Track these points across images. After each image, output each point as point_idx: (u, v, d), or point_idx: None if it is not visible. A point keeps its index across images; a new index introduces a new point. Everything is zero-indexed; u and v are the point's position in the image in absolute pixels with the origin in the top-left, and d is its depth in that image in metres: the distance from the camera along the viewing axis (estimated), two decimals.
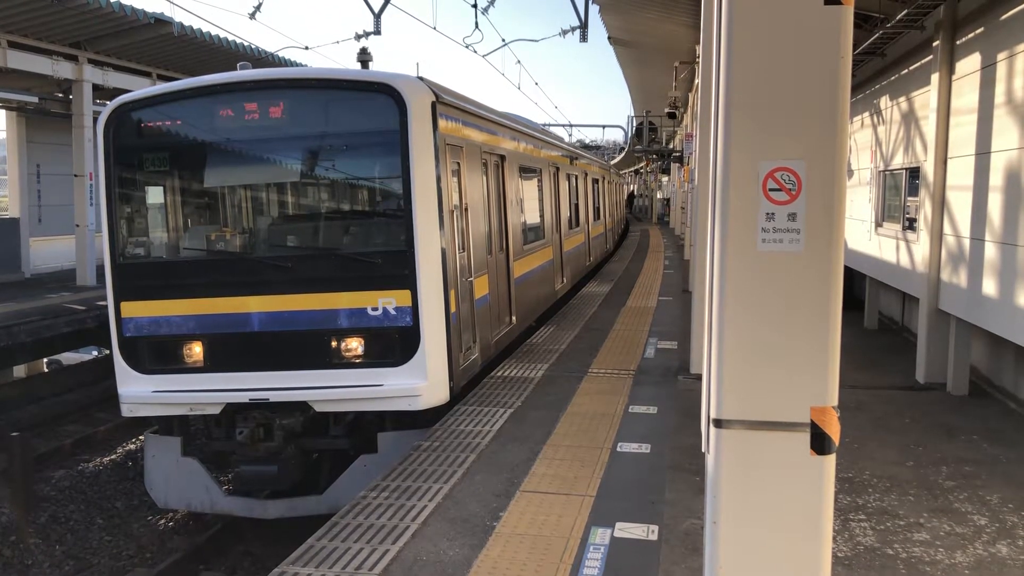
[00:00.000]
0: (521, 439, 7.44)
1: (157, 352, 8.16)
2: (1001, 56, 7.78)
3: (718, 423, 2.95)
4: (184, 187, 8.73)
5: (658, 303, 15.97)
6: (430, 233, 7.93)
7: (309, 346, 7.90)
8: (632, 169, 76.35)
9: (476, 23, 17.54)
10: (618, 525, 5.55)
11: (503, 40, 21.87)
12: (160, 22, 17.59)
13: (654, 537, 5.37)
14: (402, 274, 7.81)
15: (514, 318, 11.50)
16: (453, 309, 8.26)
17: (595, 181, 24.69)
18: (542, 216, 14.75)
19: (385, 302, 7.81)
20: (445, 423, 7.94)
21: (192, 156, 8.44)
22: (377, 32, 16.24)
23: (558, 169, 16.73)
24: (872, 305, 13.38)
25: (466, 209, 9.30)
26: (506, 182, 11.56)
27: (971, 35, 8.57)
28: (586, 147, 50.60)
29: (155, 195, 8.71)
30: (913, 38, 10.42)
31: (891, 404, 8.65)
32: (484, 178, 10.37)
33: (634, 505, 5.89)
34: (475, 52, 19.36)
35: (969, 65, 8.57)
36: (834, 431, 2.88)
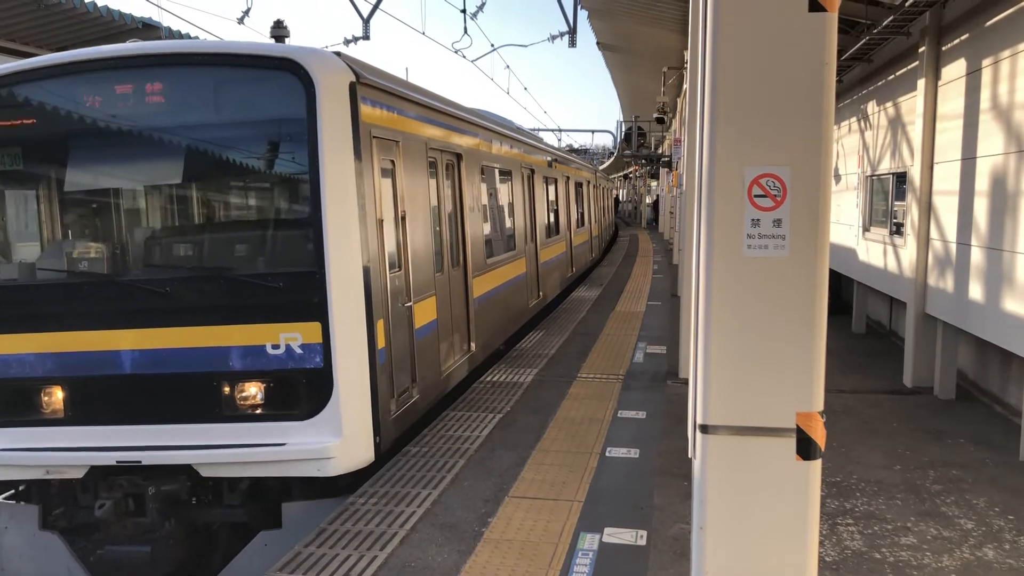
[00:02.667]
0: (510, 444, 7.43)
1: (5, 400, 6.49)
2: (986, 62, 7.83)
3: (704, 429, 2.95)
4: (39, 192, 6.91)
5: (647, 308, 15.99)
6: (347, 248, 6.28)
7: (194, 394, 6.26)
8: (621, 174, 76.55)
9: (465, 28, 17.56)
10: (607, 530, 5.55)
11: (492, 45, 21.90)
12: (148, 27, 17.52)
13: (643, 542, 5.37)
14: (310, 302, 6.16)
15: (474, 345, 9.85)
16: (382, 344, 6.69)
17: (578, 185, 23.00)
18: (513, 225, 13.13)
19: (289, 338, 6.20)
20: (434, 428, 7.92)
21: (49, 152, 6.71)
22: (366, 37, 16.24)
23: (533, 172, 15.19)
24: (860, 309, 13.44)
25: (404, 218, 7.57)
26: (463, 186, 9.84)
27: (957, 41, 8.62)
28: (574, 151, 50.26)
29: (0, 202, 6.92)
30: (899, 44, 10.48)
31: (878, 408, 8.68)
32: (432, 180, 8.69)
33: (623, 510, 5.89)
34: (464, 57, 19.36)
35: (955, 71, 8.63)
36: (820, 436, 2.88)
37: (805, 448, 2.88)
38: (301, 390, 6.24)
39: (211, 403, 6.26)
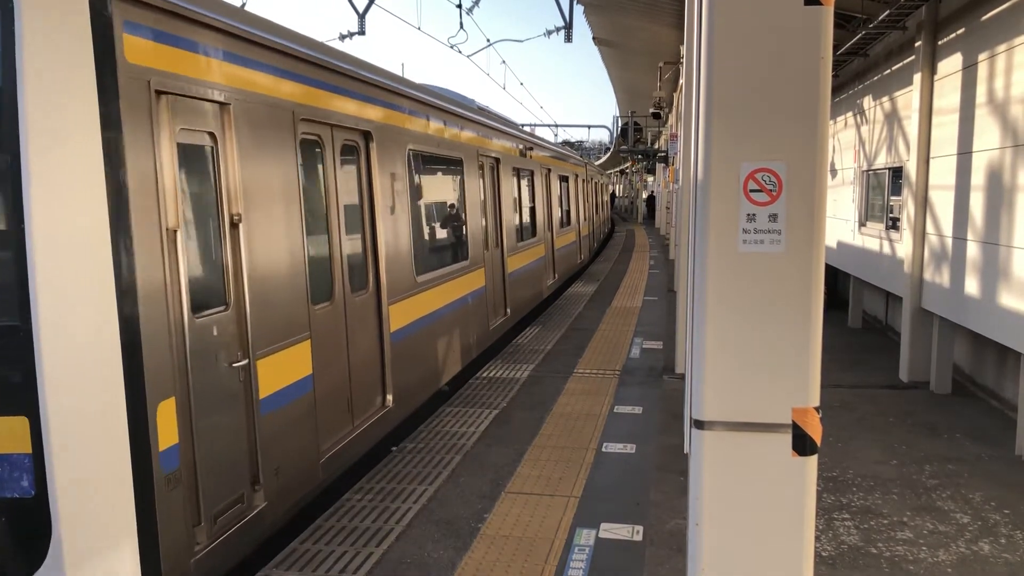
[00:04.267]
0: (506, 440, 7.42)
1: None
2: (982, 56, 7.82)
3: (700, 424, 2.94)
4: None
5: (643, 303, 15.99)
6: (81, 281, 3.78)
7: None
8: (618, 169, 76.57)
9: (461, 23, 17.48)
10: (603, 526, 5.55)
11: (488, 40, 21.83)
12: None
13: (639, 538, 5.37)
14: (5, 381, 3.62)
15: (389, 397, 7.42)
16: (171, 440, 4.30)
17: (563, 180, 20.29)
18: (465, 228, 10.50)
19: None
20: (430, 424, 7.91)
21: None
22: (362, 32, 16.18)
23: (499, 162, 12.56)
24: (856, 304, 13.44)
25: (237, 224, 5.03)
26: (374, 177, 7.27)
27: (953, 35, 8.61)
28: (569, 145, 49.49)
29: None
30: (895, 38, 10.47)
31: (875, 403, 8.68)
32: (307, 168, 6.08)
33: (619, 506, 5.89)
34: (460, 52, 19.31)
35: (951, 65, 8.62)
36: (816, 432, 2.88)
37: (801, 444, 2.88)
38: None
39: None
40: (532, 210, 15.72)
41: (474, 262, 10.73)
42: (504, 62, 30.15)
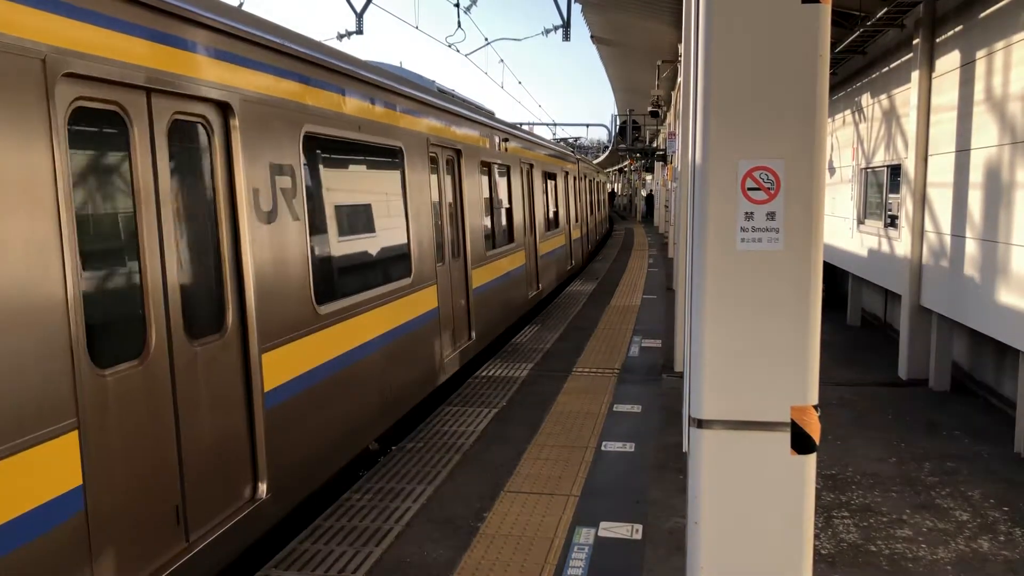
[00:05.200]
0: (506, 439, 7.42)
1: None
2: (980, 54, 7.82)
3: (699, 423, 2.94)
4: None
5: (642, 301, 15.99)
6: None
7: None
8: (616, 167, 76.60)
9: (459, 22, 17.47)
10: (602, 524, 5.55)
11: (486, 39, 21.82)
12: None
13: (638, 536, 5.37)
14: None
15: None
16: None
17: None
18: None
19: None
20: (429, 423, 7.91)
21: None
22: (359, 31, 16.16)
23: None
24: (855, 302, 13.44)
25: None
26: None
27: (950, 33, 8.61)
28: (566, 143, 48.89)
29: None
30: (893, 36, 10.47)
31: (874, 400, 8.68)
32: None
33: (618, 504, 5.89)
34: (458, 51, 19.30)
35: (949, 63, 8.62)
36: (814, 430, 2.87)
37: (800, 442, 2.88)
38: None
39: None
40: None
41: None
42: (502, 61, 30.16)
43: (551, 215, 17.97)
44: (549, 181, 17.76)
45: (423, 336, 8.57)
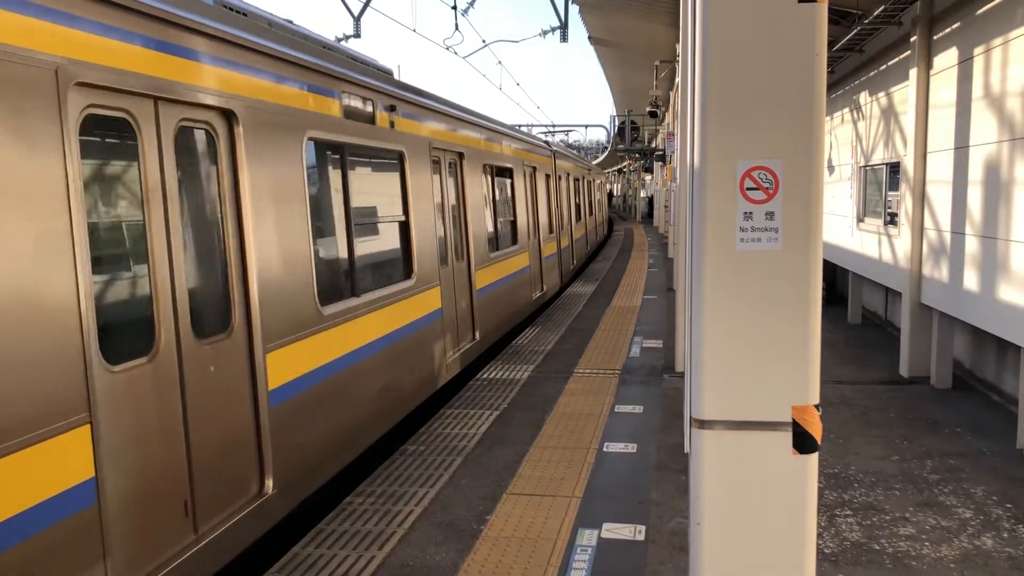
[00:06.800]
0: (507, 441, 7.41)
1: None
2: (978, 51, 7.82)
3: (700, 424, 2.94)
4: None
5: (643, 302, 15.98)
6: None
7: None
8: (615, 168, 76.64)
9: (456, 25, 17.49)
10: (605, 526, 5.54)
11: (483, 41, 21.82)
12: None
13: (641, 537, 5.36)
14: None
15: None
16: None
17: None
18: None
19: None
20: (430, 427, 7.90)
21: None
22: (357, 35, 16.18)
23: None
24: (855, 300, 13.44)
25: None
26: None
27: (948, 30, 8.61)
28: (568, 145, 48.38)
29: None
30: (891, 34, 10.47)
31: (875, 398, 8.68)
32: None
33: (621, 505, 5.88)
34: (456, 54, 19.30)
35: (946, 60, 8.62)
36: (816, 430, 2.87)
37: (801, 442, 2.87)
38: None
39: None
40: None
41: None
42: (500, 63, 30.16)
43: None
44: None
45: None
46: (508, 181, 13.69)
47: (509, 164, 13.60)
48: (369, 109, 7.40)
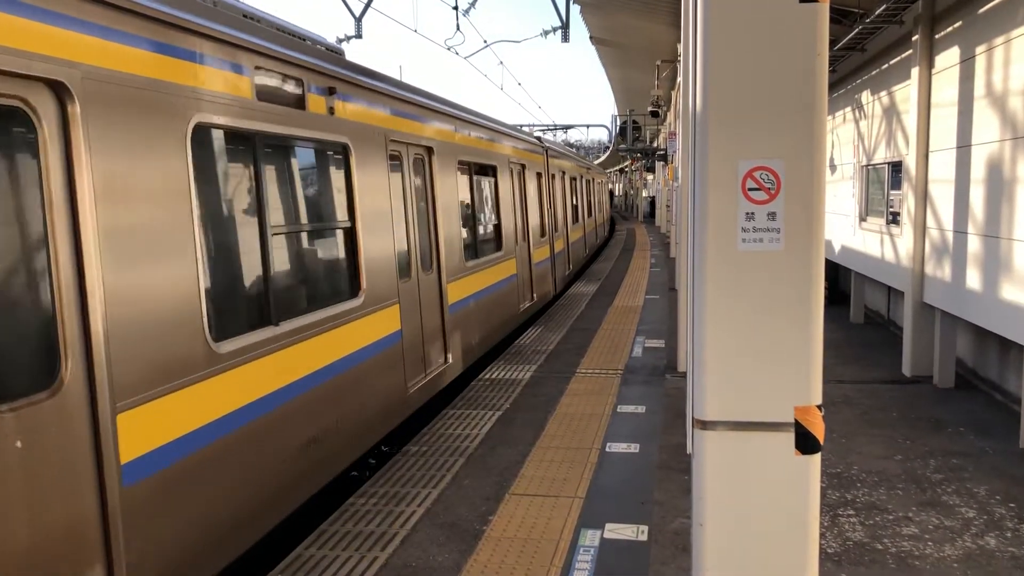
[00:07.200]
0: (510, 442, 7.41)
1: None
2: (980, 49, 7.81)
3: (702, 424, 2.93)
4: None
5: (645, 301, 15.98)
6: None
7: None
8: (617, 168, 76.64)
9: (457, 25, 17.51)
10: (608, 526, 5.54)
11: (485, 41, 21.83)
12: None
13: (644, 537, 5.36)
14: None
15: None
16: None
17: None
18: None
19: None
20: (433, 427, 7.91)
21: None
22: (359, 36, 16.19)
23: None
24: (857, 299, 13.43)
25: None
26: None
27: (949, 29, 8.60)
28: (569, 145, 47.91)
29: None
30: (892, 33, 10.46)
31: (878, 398, 8.67)
32: None
33: (624, 506, 5.88)
34: (457, 54, 19.32)
35: (948, 59, 8.61)
36: (818, 430, 2.87)
37: (804, 442, 2.87)
38: None
39: None
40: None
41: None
42: (502, 63, 30.17)
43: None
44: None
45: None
46: (491, 180, 12.19)
47: (492, 161, 12.09)
48: (297, 91, 5.98)
